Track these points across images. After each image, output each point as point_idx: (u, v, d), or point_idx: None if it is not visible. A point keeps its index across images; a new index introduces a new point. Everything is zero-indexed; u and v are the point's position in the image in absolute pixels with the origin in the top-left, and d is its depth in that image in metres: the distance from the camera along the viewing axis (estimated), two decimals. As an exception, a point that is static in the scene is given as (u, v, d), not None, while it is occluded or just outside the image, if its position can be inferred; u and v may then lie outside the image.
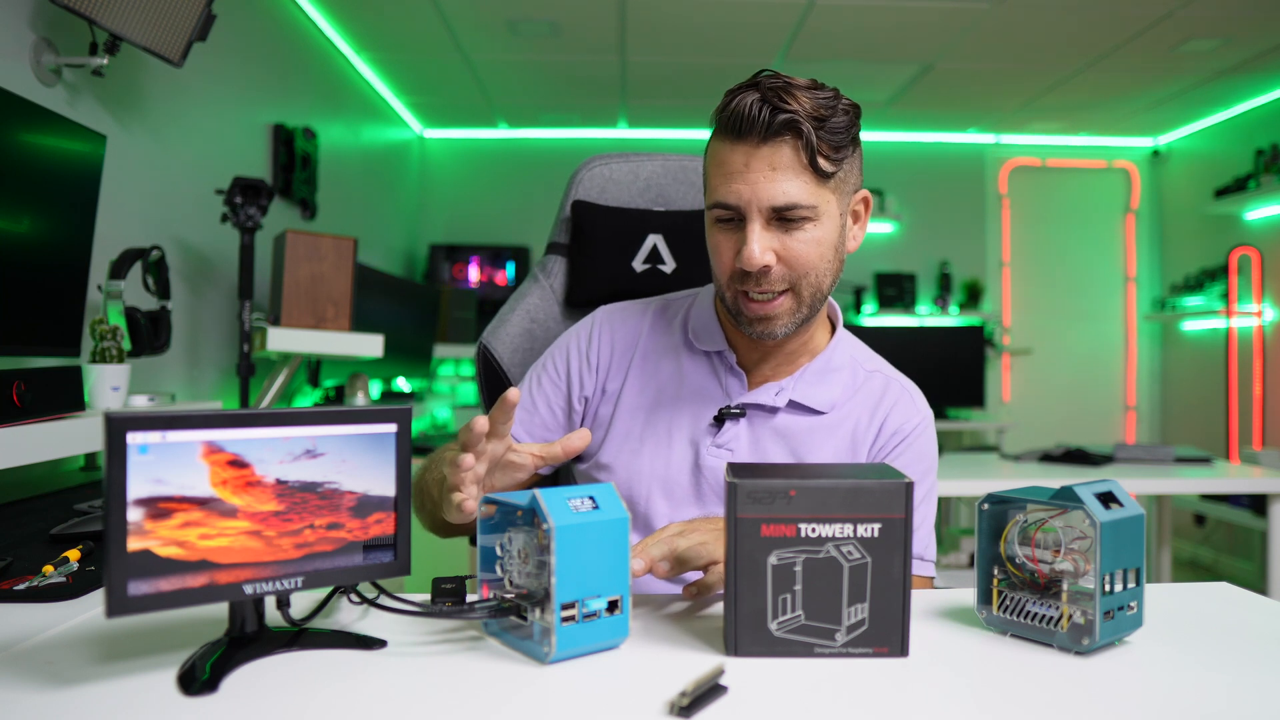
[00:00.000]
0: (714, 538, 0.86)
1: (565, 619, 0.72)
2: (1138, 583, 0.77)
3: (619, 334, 1.16)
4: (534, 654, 0.74)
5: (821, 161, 0.96)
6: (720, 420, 1.09)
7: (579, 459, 1.17)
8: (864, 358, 1.17)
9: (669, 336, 1.15)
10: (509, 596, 0.77)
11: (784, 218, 0.97)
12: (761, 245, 0.97)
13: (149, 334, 1.88)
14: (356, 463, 0.75)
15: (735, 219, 0.99)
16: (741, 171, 0.96)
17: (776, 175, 0.95)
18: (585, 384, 1.15)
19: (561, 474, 1.29)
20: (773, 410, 1.09)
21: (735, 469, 0.79)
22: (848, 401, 1.11)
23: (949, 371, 4.38)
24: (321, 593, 0.87)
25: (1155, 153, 5.31)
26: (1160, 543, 3.28)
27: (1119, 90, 4.35)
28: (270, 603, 0.79)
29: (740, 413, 1.08)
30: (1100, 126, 5.02)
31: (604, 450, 1.12)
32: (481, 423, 0.82)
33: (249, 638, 0.74)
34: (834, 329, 1.16)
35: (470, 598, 0.85)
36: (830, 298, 1.10)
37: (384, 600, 0.80)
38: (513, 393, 0.84)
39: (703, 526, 0.89)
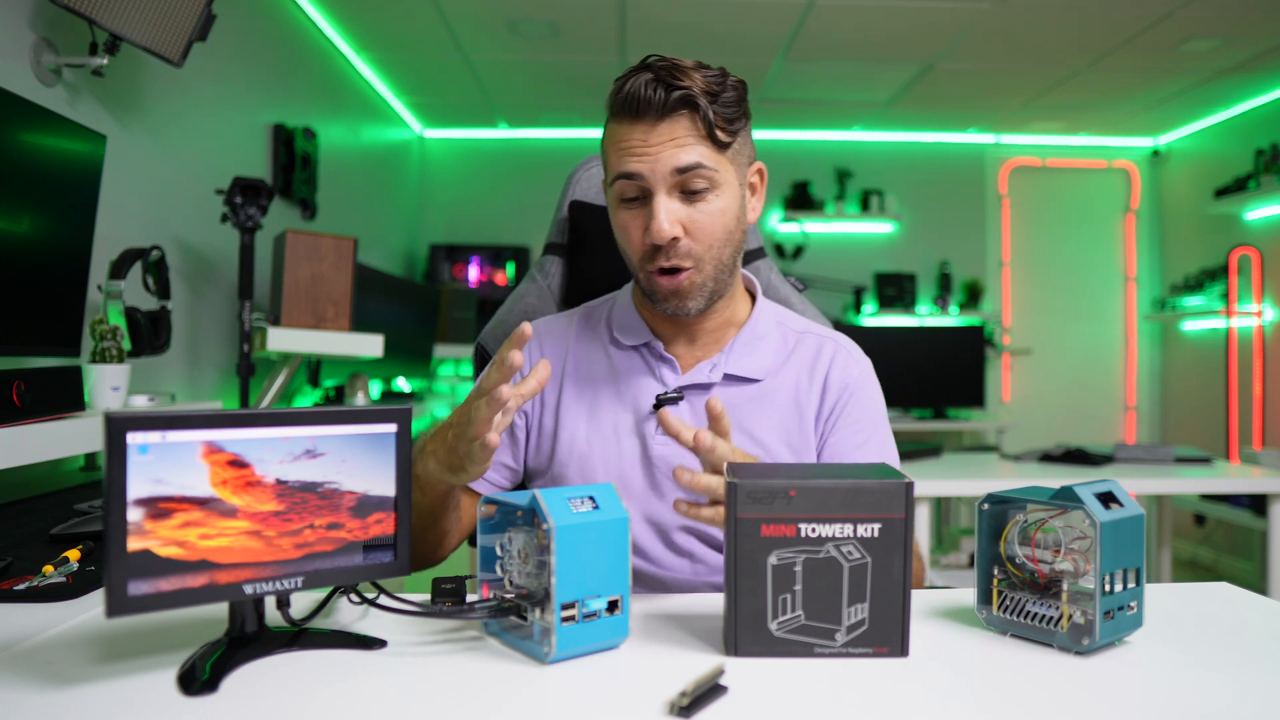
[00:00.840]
0: None
1: (565, 619, 0.72)
2: (1138, 583, 0.77)
3: (548, 346, 1.18)
4: (534, 654, 0.74)
5: (718, 133, 0.99)
6: (659, 408, 1.09)
7: (532, 477, 1.17)
8: (791, 320, 1.18)
9: (596, 340, 1.17)
10: (509, 596, 0.77)
11: (687, 188, 0.99)
12: (670, 217, 0.99)
13: (149, 334, 1.88)
14: (356, 463, 0.75)
15: (640, 196, 1.01)
16: (642, 146, 0.98)
17: (678, 144, 0.98)
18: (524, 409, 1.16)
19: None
20: (708, 387, 1.11)
21: (735, 469, 0.79)
22: (783, 366, 1.13)
23: (949, 371, 4.38)
24: (321, 593, 0.87)
25: (1155, 153, 5.31)
26: (1160, 543, 3.28)
27: (1119, 90, 4.35)
28: (270, 603, 0.79)
29: (678, 396, 1.09)
30: (1100, 126, 5.02)
31: (555, 461, 1.12)
32: (517, 357, 0.81)
33: (249, 638, 0.74)
34: (754, 300, 1.17)
35: (470, 598, 0.85)
36: (745, 269, 1.10)
37: (384, 600, 0.80)
38: (526, 326, 0.83)
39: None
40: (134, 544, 0.66)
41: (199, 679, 0.68)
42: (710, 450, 0.84)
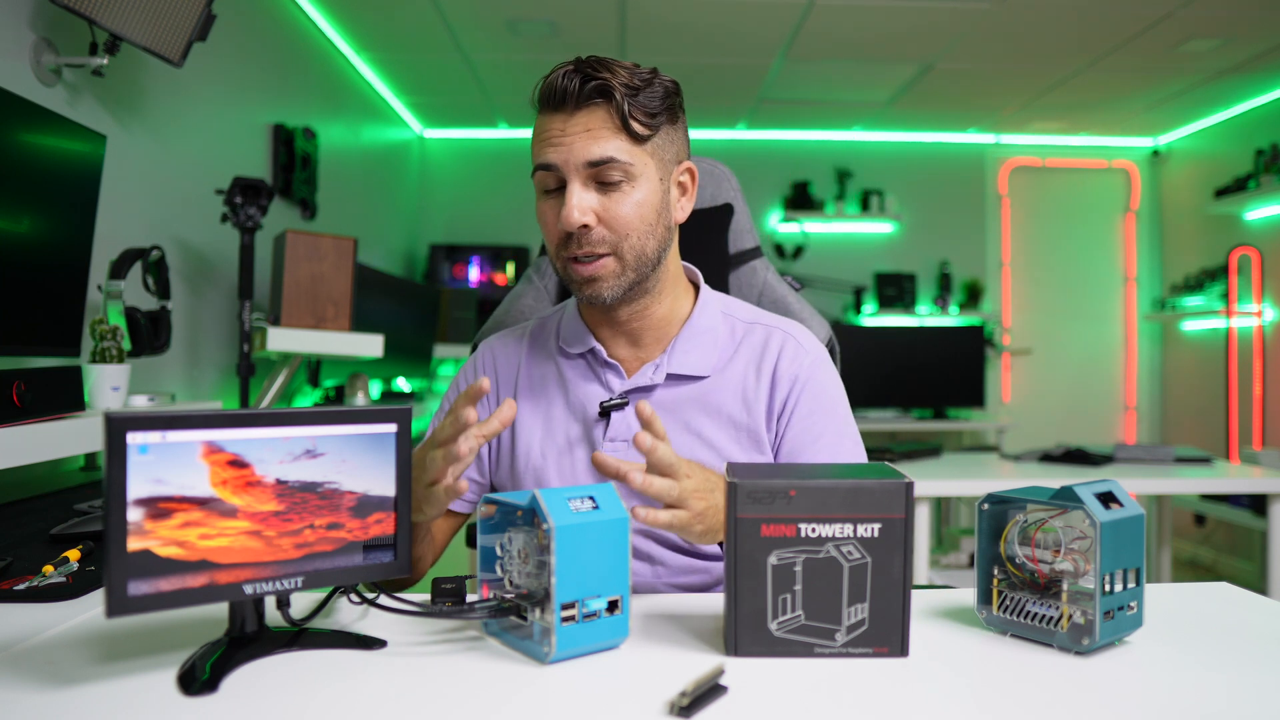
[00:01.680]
0: (695, 487, 0.87)
1: (565, 619, 0.72)
2: (1138, 583, 0.77)
3: (501, 363, 1.19)
4: (534, 654, 0.74)
5: (634, 124, 0.99)
6: (606, 414, 1.09)
7: (496, 490, 1.18)
8: (740, 311, 1.17)
9: (545, 352, 1.17)
10: (509, 596, 0.77)
11: (602, 179, 1.00)
12: (580, 205, 0.99)
13: (149, 334, 1.88)
14: (356, 463, 0.75)
15: (558, 187, 1.02)
16: (559, 136, 1.00)
17: (591, 135, 0.99)
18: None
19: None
20: (651, 389, 1.10)
21: (734, 469, 0.78)
22: (730, 361, 1.11)
23: (949, 371, 4.37)
24: (321, 593, 0.88)
25: (1155, 153, 5.31)
26: (1160, 543, 3.28)
27: (1119, 90, 4.35)
28: (270, 603, 0.79)
29: (622, 402, 1.09)
30: (1100, 126, 5.02)
31: (514, 474, 1.14)
32: (471, 414, 0.84)
33: (249, 638, 0.74)
34: (699, 295, 1.16)
35: (470, 598, 0.85)
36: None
37: (384, 600, 0.80)
38: (484, 381, 0.86)
39: (698, 475, 0.89)
40: (134, 544, 0.66)
41: (199, 679, 0.68)
42: (652, 451, 0.84)
